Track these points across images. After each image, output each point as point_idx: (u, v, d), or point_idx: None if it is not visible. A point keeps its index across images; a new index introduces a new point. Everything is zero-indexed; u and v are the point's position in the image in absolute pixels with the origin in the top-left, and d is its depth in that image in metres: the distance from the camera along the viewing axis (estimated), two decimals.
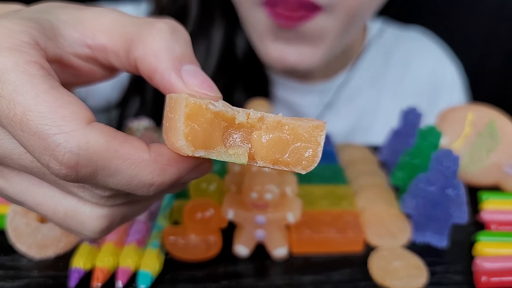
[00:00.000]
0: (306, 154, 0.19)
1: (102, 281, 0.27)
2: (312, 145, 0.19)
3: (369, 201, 0.34)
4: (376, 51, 0.60)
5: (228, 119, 0.19)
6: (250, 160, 0.20)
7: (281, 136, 0.19)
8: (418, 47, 0.63)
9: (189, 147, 0.18)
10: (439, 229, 0.31)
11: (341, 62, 0.57)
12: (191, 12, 0.50)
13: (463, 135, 0.37)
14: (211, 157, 0.19)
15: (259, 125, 0.20)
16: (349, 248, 0.31)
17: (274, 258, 0.30)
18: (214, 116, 0.19)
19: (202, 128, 0.18)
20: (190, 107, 0.18)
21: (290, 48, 0.44)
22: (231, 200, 0.28)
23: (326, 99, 0.57)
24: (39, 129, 0.18)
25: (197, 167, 0.21)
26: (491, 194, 0.35)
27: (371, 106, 0.59)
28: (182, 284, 0.28)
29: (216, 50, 0.51)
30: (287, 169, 0.20)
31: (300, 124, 0.19)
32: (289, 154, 0.20)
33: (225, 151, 0.19)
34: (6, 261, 0.29)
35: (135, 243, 0.29)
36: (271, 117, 0.19)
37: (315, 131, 0.19)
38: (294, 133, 0.19)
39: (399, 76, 0.60)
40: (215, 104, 0.19)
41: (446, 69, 0.63)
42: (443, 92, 0.61)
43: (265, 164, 0.20)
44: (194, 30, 0.50)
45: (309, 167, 0.20)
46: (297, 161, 0.20)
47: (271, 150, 0.19)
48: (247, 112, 0.20)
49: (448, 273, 0.29)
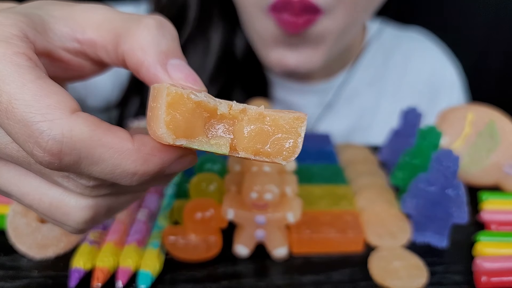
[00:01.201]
0: (287, 145, 0.20)
1: (102, 281, 0.27)
2: (292, 136, 0.20)
3: (369, 201, 0.34)
4: (375, 51, 0.60)
5: (210, 109, 0.20)
6: (231, 150, 0.20)
7: (263, 127, 0.20)
8: (417, 47, 0.63)
9: (170, 135, 0.19)
10: (439, 229, 0.31)
11: (340, 63, 0.57)
12: (190, 12, 0.50)
13: (463, 135, 0.37)
14: (192, 146, 0.20)
15: (241, 117, 0.20)
16: (349, 248, 0.31)
17: (274, 258, 0.30)
18: (195, 106, 0.19)
19: (184, 117, 0.19)
20: (171, 96, 0.19)
21: (290, 52, 0.44)
22: (231, 200, 0.28)
23: (325, 100, 0.57)
24: (23, 116, 0.18)
25: (180, 158, 0.21)
26: (491, 194, 0.36)
27: (370, 106, 0.59)
28: (182, 284, 0.28)
29: (215, 50, 0.51)
30: (268, 159, 0.20)
31: (281, 116, 0.20)
32: (270, 145, 0.20)
33: (207, 141, 0.20)
34: (6, 261, 0.29)
35: (135, 243, 0.29)
36: (253, 109, 0.20)
37: (295, 122, 0.20)
38: (275, 124, 0.20)
39: (398, 76, 0.60)
40: (197, 94, 0.19)
41: (446, 69, 0.63)
42: (442, 92, 0.61)
43: (247, 155, 0.20)
44: (193, 30, 0.50)
45: (290, 158, 0.20)
46: (278, 151, 0.20)
47: (252, 141, 0.20)
48: (229, 103, 0.20)
49: (448, 273, 0.29)
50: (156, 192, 0.34)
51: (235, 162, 0.31)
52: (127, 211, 0.32)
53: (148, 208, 0.32)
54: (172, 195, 0.34)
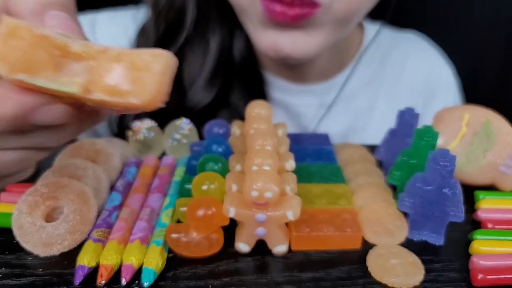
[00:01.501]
0: (145, 84, 0.19)
1: (106, 278, 0.27)
2: (150, 75, 0.19)
3: (367, 200, 0.34)
4: (372, 52, 0.60)
5: (61, 46, 0.19)
6: (85, 91, 0.19)
7: (120, 66, 0.19)
8: (414, 48, 0.63)
9: (4, 67, 0.18)
10: (436, 228, 0.31)
11: (337, 64, 0.58)
12: (188, 16, 0.50)
13: (460, 135, 0.37)
14: (37, 83, 0.18)
15: (99, 57, 0.19)
16: (347, 245, 0.31)
17: (275, 256, 0.30)
18: (39, 40, 0.18)
19: (22, 50, 0.18)
20: (8, 27, 0.18)
21: (283, 35, 0.43)
22: (232, 199, 0.28)
23: (323, 100, 0.57)
24: None
25: (46, 106, 0.20)
26: (487, 193, 0.36)
27: (367, 107, 0.59)
28: (184, 281, 0.28)
29: (213, 52, 0.51)
30: (123, 100, 0.19)
31: (139, 54, 0.19)
32: (128, 84, 0.19)
33: (55, 79, 0.19)
34: (12, 260, 0.29)
35: (139, 241, 0.29)
36: (113, 49, 0.19)
37: (154, 59, 0.19)
38: (133, 63, 0.19)
39: (395, 76, 0.60)
40: (42, 28, 0.18)
41: (442, 70, 0.63)
42: (438, 93, 0.61)
43: (102, 96, 0.19)
44: (190, 33, 0.50)
45: (146, 97, 0.19)
46: (136, 91, 0.19)
47: (109, 82, 0.19)
48: (85, 43, 0.19)
49: (444, 270, 0.29)
50: (159, 191, 0.35)
51: (236, 162, 0.31)
52: (131, 209, 0.32)
53: (151, 206, 0.33)
54: (174, 194, 0.34)
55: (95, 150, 0.38)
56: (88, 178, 0.34)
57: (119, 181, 0.36)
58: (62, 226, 0.30)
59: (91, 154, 0.38)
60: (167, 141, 0.41)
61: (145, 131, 0.41)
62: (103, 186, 0.35)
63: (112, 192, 0.34)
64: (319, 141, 0.43)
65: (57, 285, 0.27)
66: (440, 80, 0.62)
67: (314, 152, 0.40)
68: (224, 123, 0.39)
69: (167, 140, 0.41)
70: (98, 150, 0.38)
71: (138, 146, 0.41)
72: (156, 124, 0.42)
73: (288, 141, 0.34)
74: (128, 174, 0.37)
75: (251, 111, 0.35)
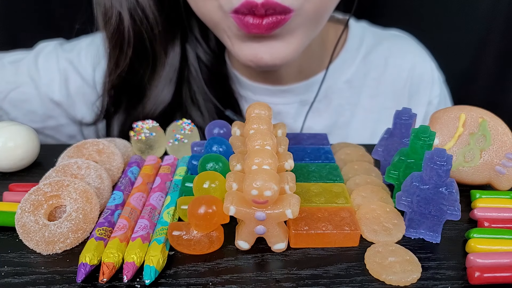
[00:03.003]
0: None
1: (108, 276, 0.27)
2: None
3: (364, 199, 0.35)
4: (356, 49, 0.59)
5: None
6: None
7: None
8: (397, 43, 0.62)
9: None
10: (433, 226, 0.31)
11: (316, 63, 0.57)
12: (149, 34, 0.50)
13: (456, 135, 0.38)
14: None
15: None
16: (345, 243, 0.31)
17: (274, 253, 0.30)
18: None
19: None
20: None
21: (261, 45, 0.44)
22: (232, 197, 0.28)
23: (305, 98, 0.57)
24: None
25: None
26: (483, 193, 0.36)
27: (350, 103, 0.59)
28: (185, 278, 0.28)
29: (177, 66, 0.52)
30: None
31: None
32: None
33: None
34: (14, 258, 0.29)
35: (140, 239, 0.29)
36: None
37: None
38: None
39: (378, 73, 0.60)
40: None
41: (425, 65, 0.62)
42: (422, 88, 0.61)
43: None
44: (155, 50, 0.51)
45: None
46: None
47: None
48: None
49: (441, 268, 0.29)
50: (160, 190, 0.35)
51: (236, 162, 0.32)
52: (132, 208, 0.33)
53: (152, 205, 0.33)
54: (175, 193, 0.35)
55: (97, 150, 0.38)
56: (90, 178, 0.35)
57: (121, 180, 0.36)
58: (65, 225, 0.30)
59: (94, 153, 0.38)
60: (168, 141, 0.42)
61: (147, 131, 0.41)
62: (105, 185, 0.35)
63: (114, 191, 0.35)
64: (317, 141, 0.43)
65: (60, 283, 0.27)
66: (424, 75, 0.61)
67: (313, 152, 0.41)
68: (224, 124, 0.40)
69: (169, 140, 0.42)
70: (101, 150, 0.38)
71: (140, 146, 0.41)
72: (157, 125, 0.43)
73: (287, 141, 0.35)
74: (130, 173, 0.37)
75: (251, 112, 0.35)
